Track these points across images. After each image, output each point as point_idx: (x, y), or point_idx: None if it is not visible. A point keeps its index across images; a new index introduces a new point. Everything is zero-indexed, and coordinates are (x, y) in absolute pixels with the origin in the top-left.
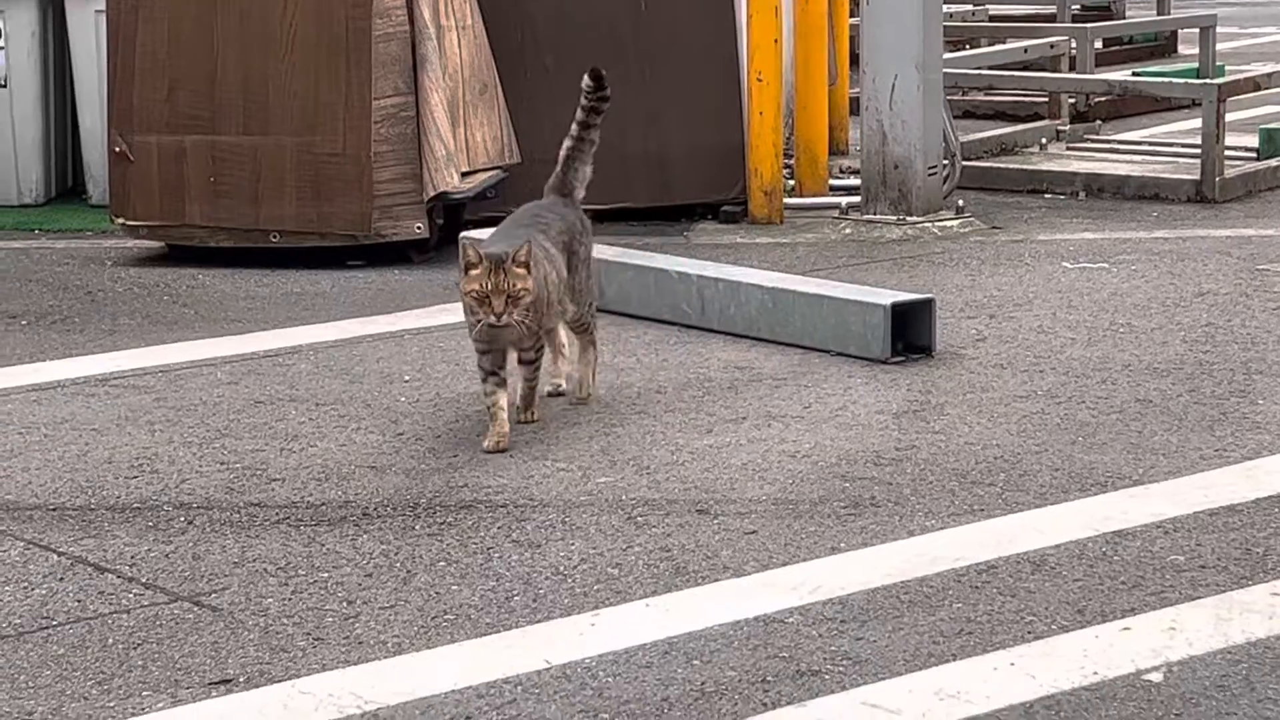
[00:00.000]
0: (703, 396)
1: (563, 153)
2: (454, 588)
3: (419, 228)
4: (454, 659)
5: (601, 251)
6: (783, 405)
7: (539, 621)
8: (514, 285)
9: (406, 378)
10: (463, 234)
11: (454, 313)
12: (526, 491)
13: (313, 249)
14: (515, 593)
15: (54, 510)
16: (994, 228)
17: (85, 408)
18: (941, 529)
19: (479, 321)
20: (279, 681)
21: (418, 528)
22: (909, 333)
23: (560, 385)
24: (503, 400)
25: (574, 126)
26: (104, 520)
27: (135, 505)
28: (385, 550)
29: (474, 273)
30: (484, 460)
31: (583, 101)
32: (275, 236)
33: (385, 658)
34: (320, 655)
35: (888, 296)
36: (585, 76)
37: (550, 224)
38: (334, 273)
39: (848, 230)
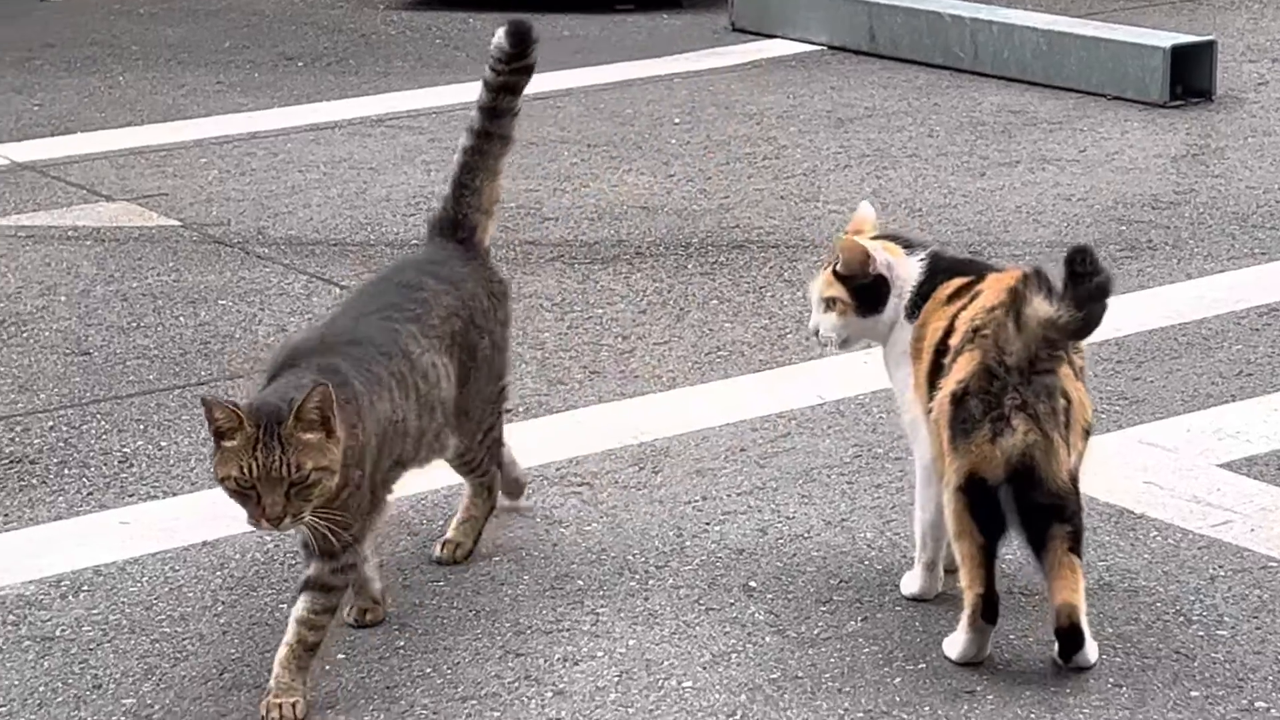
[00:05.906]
0: (975, 140)
1: (455, 164)
2: (727, 325)
3: None
4: (728, 393)
5: None
6: (1057, 149)
7: (811, 359)
8: (298, 463)
9: (676, 120)
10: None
11: (722, 56)
12: (798, 232)
13: None
14: (788, 330)
15: (335, 246)
16: None
17: (361, 147)
18: (1220, 271)
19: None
20: (557, 412)
21: (690, 266)
22: (1188, 76)
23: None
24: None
25: (476, 115)
26: (384, 256)
27: (414, 242)
28: (659, 288)
29: (229, 445)
30: (756, 201)
31: (488, 75)
32: None
33: (660, 391)
34: (597, 388)
35: (1167, 39)
36: (499, 33)
37: (428, 304)
38: (602, 17)
39: None
